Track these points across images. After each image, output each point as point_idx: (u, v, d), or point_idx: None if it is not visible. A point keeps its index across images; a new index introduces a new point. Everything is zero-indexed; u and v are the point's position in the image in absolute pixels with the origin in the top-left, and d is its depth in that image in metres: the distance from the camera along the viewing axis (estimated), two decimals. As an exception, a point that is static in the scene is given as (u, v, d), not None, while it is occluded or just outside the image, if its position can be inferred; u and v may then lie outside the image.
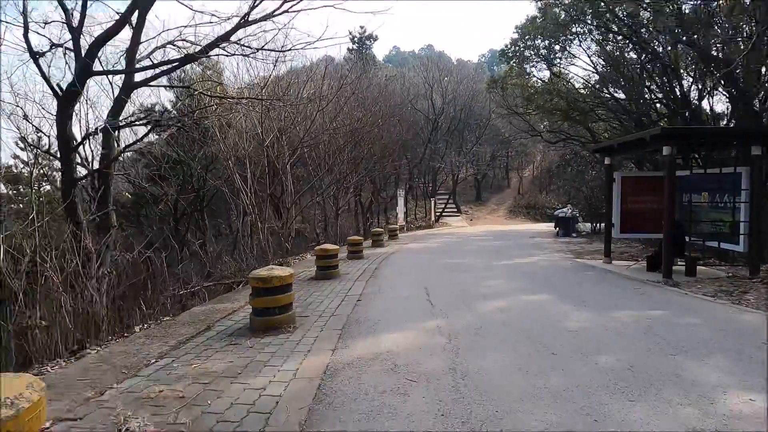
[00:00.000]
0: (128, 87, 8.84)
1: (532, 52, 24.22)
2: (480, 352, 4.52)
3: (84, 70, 7.75)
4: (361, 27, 29.63)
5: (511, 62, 24.45)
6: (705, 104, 17.55)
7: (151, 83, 8.97)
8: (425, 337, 5.07)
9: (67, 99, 7.72)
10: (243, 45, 9.11)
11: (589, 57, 21.00)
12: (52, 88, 7.73)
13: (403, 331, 5.33)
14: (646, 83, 19.29)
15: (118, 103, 8.76)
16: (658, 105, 21.11)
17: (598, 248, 15.01)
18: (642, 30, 17.00)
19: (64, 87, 7.79)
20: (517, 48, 23.87)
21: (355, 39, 29.57)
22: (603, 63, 22.18)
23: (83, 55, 7.64)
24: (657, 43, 16.91)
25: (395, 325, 5.57)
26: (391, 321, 5.81)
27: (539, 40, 23.72)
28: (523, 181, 34.85)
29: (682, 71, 17.21)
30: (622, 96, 21.34)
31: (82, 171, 10.31)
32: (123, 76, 8.91)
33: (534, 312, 6.21)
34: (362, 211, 24.07)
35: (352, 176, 18.66)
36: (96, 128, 7.93)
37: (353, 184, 18.84)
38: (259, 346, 4.78)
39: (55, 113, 7.89)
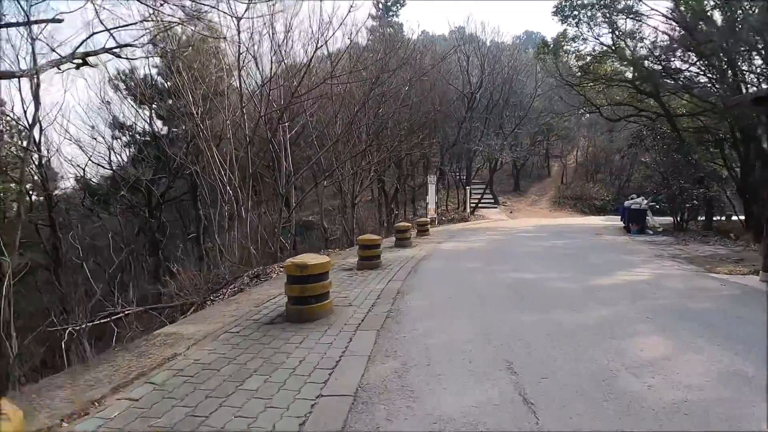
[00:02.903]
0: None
1: (591, 12, 18.83)
2: None
3: None
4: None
5: (566, 23, 19.11)
6: None
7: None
8: None
9: None
10: None
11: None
12: None
13: None
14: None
15: None
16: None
17: (714, 253, 9.99)
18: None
19: None
20: (575, 4, 18.52)
21: (380, 3, 24.58)
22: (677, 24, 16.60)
23: None
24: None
25: None
26: None
27: (602, -5, 18.37)
28: (567, 170, 29.29)
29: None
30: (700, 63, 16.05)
31: None
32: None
33: None
34: (386, 201, 19.34)
35: (373, 156, 13.95)
36: None
37: (374, 166, 14.12)
38: None
39: None
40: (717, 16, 14.97)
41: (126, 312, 6.77)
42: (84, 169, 14.56)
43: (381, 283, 6.77)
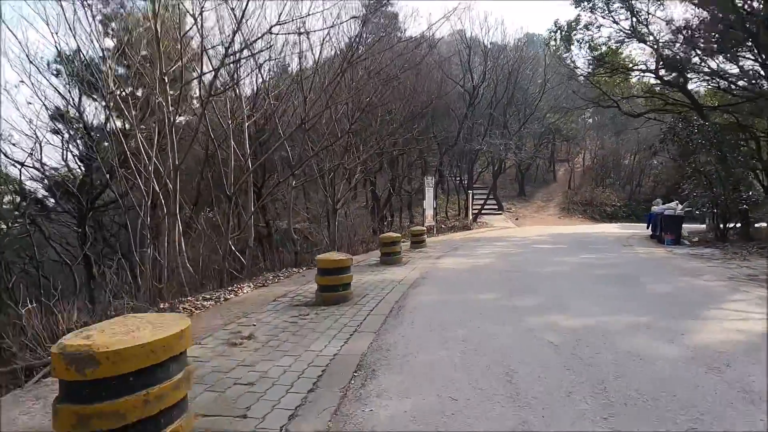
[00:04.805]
0: None
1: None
2: None
3: None
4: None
5: (579, 6, 16.28)
6: None
7: None
8: None
9: None
10: None
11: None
12: None
13: None
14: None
15: None
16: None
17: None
18: None
19: None
20: (590, -16, 15.76)
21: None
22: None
23: None
24: None
25: None
26: None
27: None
28: (575, 174, 26.26)
29: None
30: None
31: None
32: None
33: None
34: (378, 207, 16.41)
35: (359, 151, 11.07)
36: None
37: (359, 164, 11.22)
38: None
39: None
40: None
41: None
42: (20, 170, 11.66)
43: (337, 339, 3.84)
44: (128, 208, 8.30)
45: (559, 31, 15.64)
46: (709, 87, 16.15)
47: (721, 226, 12.34)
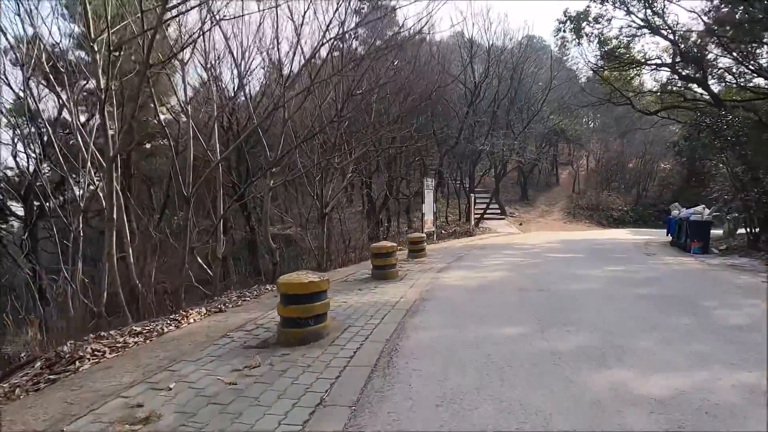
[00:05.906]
0: None
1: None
2: None
3: None
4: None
5: (590, -3, 14.80)
6: None
7: None
8: None
9: None
10: None
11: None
12: None
13: None
14: None
15: None
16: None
17: None
18: None
19: None
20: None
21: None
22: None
23: None
24: None
25: None
26: None
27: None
28: (579, 177, 24.72)
29: None
30: None
31: None
32: None
33: None
34: (374, 211, 14.88)
35: (351, 148, 9.57)
36: None
37: (352, 163, 9.71)
38: None
39: None
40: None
41: None
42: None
43: (286, 424, 2.30)
44: (53, 215, 6.76)
45: (568, 21, 14.19)
46: (727, 83, 14.76)
47: (754, 231, 10.82)
